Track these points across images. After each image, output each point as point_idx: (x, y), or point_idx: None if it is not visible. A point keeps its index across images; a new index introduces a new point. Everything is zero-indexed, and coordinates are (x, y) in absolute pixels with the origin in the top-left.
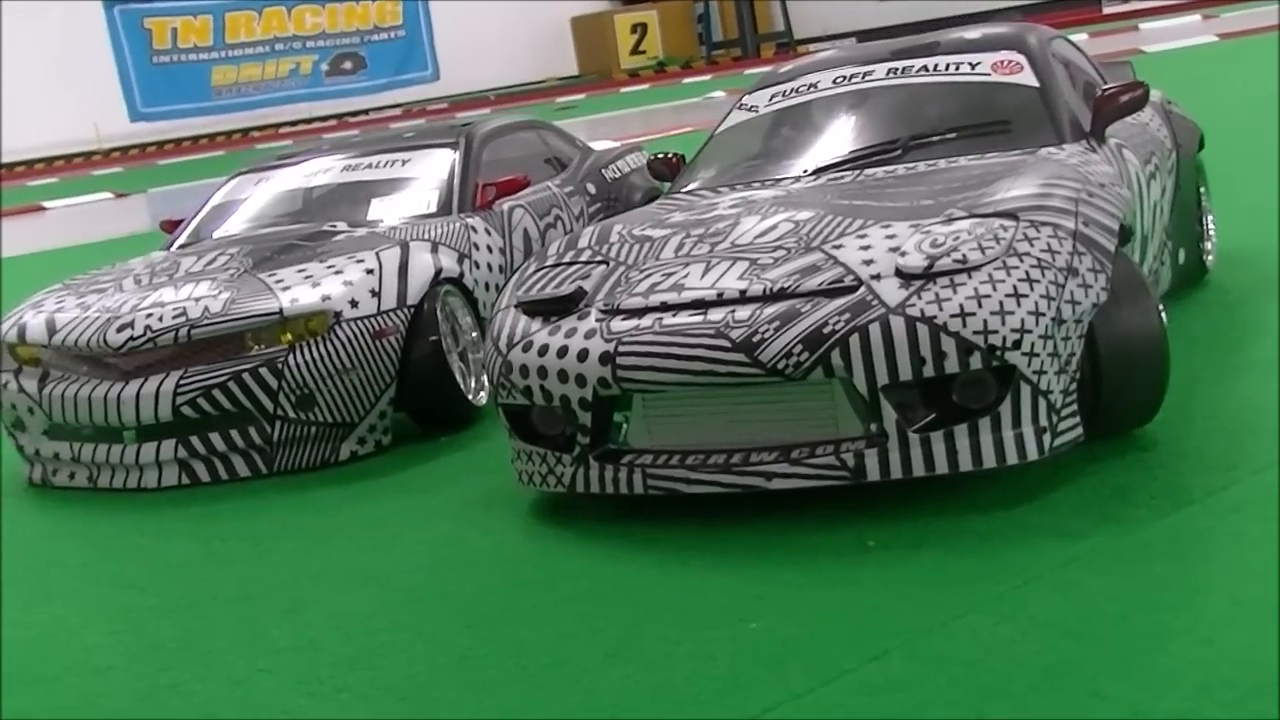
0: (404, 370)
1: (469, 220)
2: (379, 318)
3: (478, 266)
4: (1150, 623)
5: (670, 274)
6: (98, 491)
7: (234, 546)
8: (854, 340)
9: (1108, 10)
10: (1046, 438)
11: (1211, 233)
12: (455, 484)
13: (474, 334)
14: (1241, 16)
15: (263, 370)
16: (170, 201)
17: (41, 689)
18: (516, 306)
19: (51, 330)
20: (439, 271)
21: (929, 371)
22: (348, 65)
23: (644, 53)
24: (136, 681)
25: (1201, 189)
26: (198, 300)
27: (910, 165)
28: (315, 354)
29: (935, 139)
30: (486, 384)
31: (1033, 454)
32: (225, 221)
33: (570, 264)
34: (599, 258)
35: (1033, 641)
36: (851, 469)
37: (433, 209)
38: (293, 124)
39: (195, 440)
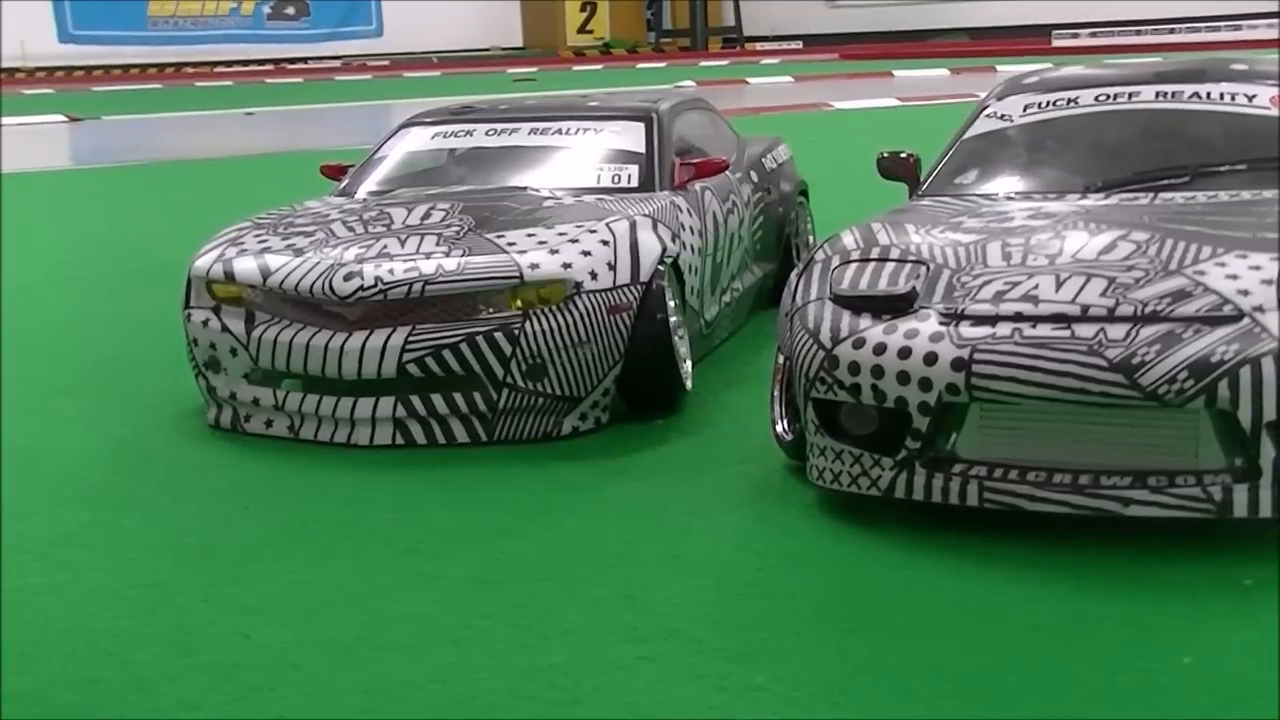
0: (629, 348)
1: (675, 199)
2: (615, 292)
3: (684, 247)
4: None
5: (1014, 283)
6: (298, 442)
7: (501, 518)
8: (1244, 372)
9: (1057, 43)
10: None
11: None
12: (710, 472)
13: (678, 316)
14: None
15: (498, 335)
16: (130, 133)
17: (402, 655)
18: (833, 299)
19: (265, 272)
20: (664, 249)
21: None
22: (290, 11)
23: (591, 32)
24: (505, 657)
25: None
26: (429, 256)
27: (1210, 193)
28: (552, 323)
29: (1224, 169)
30: (690, 367)
31: None
32: (406, 173)
33: (882, 260)
34: (912, 257)
35: None
36: (1218, 503)
37: (633, 184)
38: (228, 64)
39: (416, 400)
